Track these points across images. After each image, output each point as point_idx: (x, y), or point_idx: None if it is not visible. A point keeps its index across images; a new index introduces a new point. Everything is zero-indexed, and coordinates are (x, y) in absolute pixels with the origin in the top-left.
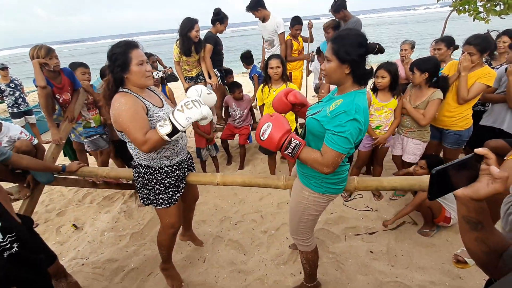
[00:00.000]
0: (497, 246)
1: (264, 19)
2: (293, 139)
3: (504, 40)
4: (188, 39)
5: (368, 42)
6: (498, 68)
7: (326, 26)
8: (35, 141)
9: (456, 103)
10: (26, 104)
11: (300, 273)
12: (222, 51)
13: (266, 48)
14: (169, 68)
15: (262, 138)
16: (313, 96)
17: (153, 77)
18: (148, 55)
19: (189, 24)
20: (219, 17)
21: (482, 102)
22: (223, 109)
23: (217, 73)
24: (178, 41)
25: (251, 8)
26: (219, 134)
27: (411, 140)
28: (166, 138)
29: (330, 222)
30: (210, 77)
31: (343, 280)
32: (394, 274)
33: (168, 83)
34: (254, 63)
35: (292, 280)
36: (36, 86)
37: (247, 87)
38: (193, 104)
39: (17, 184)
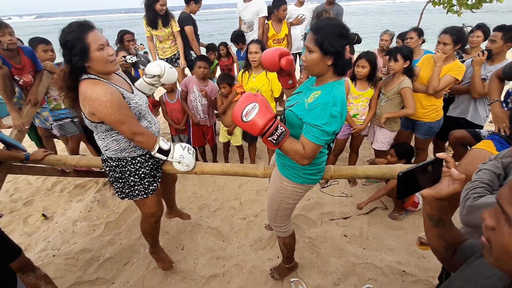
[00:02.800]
0: (454, 242)
1: None
2: (279, 125)
3: (478, 34)
4: (153, 11)
5: (349, 32)
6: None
7: (319, 13)
8: None
9: (428, 96)
10: None
11: (278, 257)
12: (197, 32)
13: (244, 31)
14: (141, 45)
15: (245, 119)
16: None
17: (126, 61)
18: (124, 32)
19: None
20: None
21: (453, 94)
22: (182, 97)
23: (194, 55)
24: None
25: None
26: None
27: (379, 128)
28: (156, 149)
29: (307, 208)
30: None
31: (318, 263)
32: (366, 256)
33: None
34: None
35: (269, 265)
36: None
37: None
38: (192, 153)
39: None
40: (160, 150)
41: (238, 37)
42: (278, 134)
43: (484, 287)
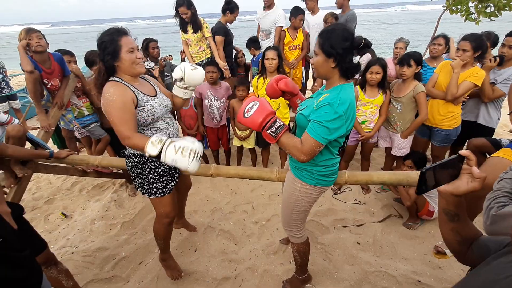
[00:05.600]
0: (469, 236)
1: (269, 6)
2: (278, 119)
3: None
4: (180, 15)
5: (354, 36)
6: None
7: (326, 18)
8: (15, 122)
9: (446, 103)
10: (9, 88)
11: (290, 262)
12: (232, 41)
13: (261, 38)
14: (169, 55)
15: (246, 115)
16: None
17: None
18: (149, 40)
19: (178, 1)
20: (229, 6)
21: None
22: (198, 106)
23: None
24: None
25: None
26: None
27: (397, 136)
28: (147, 154)
29: (319, 214)
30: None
31: (330, 270)
32: (379, 264)
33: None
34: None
35: (281, 269)
36: (24, 71)
37: None
38: (188, 155)
39: (2, 172)
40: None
41: (252, 43)
42: (276, 127)
43: (502, 287)
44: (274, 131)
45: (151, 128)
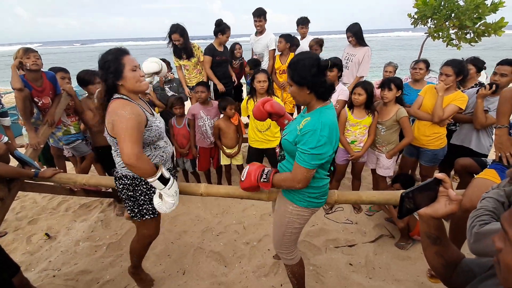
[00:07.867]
0: (452, 259)
1: (261, 32)
2: (265, 168)
3: (469, 67)
4: (172, 41)
5: (319, 61)
6: (465, 91)
7: (311, 45)
8: (4, 139)
9: (432, 124)
10: (1, 105)
11: (281, 285)
12: (225, 62)
13: None
14: (171, 73)
15: (242, 179)
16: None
17: None
18: (162, 60)
19: (172, 29)
20: (220, 28)
21: (454, 122)
22: (191, 127)
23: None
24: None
25: (259, 14)
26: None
27: (382, 155)
28: (157, 175)
29: (311, 234)
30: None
31: None
32: (372, 287)
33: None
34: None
35: None
36: (13, 89)
37: None
38: (176, 200)
39: None
40: (161, 178)
41: (251, 63)
42: (266, 173)
43: None
44: (265, 177)
45: (151, 146)
